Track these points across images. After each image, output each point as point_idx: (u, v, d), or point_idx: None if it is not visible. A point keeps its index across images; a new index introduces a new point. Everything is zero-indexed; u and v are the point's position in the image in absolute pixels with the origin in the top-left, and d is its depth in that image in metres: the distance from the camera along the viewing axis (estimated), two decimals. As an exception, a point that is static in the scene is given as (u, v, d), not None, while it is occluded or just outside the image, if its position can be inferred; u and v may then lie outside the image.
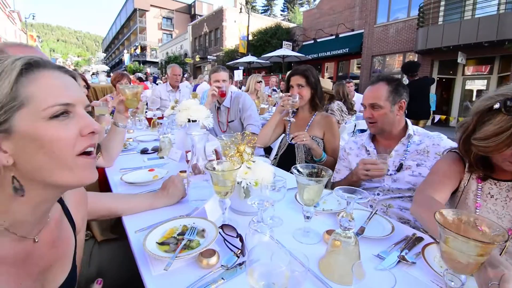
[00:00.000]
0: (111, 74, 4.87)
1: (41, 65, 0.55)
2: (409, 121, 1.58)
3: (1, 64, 0.51)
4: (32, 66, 0.53)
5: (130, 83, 4.13)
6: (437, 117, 9.54)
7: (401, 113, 1.54)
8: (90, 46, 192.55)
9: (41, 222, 0.63)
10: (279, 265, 0.61)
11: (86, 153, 0.58)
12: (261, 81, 5.53)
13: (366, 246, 0.92)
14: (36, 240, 0.62)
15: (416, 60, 12.52)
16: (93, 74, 7.17)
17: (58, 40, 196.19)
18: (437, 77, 12.28)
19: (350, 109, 4.13)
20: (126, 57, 44.06)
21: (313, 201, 0.94)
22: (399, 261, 0.86)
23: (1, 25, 24.88)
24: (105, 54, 74.71)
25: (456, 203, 1.17)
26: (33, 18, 28.05)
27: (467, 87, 12.19)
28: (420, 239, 0.98)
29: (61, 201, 0.74)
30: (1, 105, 0.49)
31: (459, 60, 10.60)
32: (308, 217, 0.96)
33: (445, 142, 1.46)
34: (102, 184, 1.86)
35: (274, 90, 7.86)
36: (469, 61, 11.30)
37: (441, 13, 11.19)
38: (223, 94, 2.58)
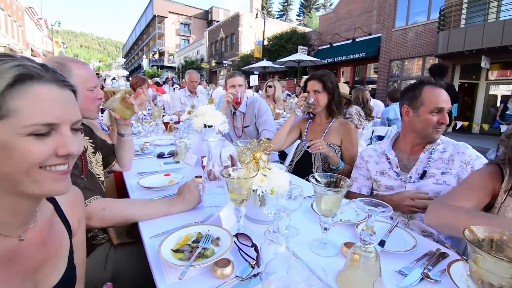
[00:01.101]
0: (130, 79, 4.98)
1: (36, 78, 0.53)
2: None
3: None
4: (26, 78, 0.52)
5: (148, 88, 4.21)
6: (459, 124, 9.18)
7: None
8: (111, 52, 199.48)
9: (26, 222, 0.63)
10: (297, 280, 0.59)
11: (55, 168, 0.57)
12: (272, 86, 5.50)
13: (387, 261, 0.88)
14: (22, 238, 0.62)
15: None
16: (113, 78, 7.38)
17: (81, 46, 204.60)
18: (459, 82, 11.86)
19: (368, 115, 4.03)
20: (145, 62, 45.31)
21: (331, 211, 0.91)
22: (422, 279, 0.82)
23: (30, 32, 26.24)
24: (125, 59, 77.10)
25: None
26: (58, 25, 29.40)
27: (491, 93, 11.69)
28: (445, 255, 0.93)
29: (53, 201, 0.73)
30: None
31: (482, 65, 10.19)
32: (325, 229, 0.93)
33: (470, 151, 1.39)
34: (119, 188, 1.90)
35: (288, 94, 7.83)
36: (493, 66, 10.84)
37: (463, 16, 10.83)
38: (237, 102, 2.59)
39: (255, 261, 0.84)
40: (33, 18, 28.02)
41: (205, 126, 1.80)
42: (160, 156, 2.07)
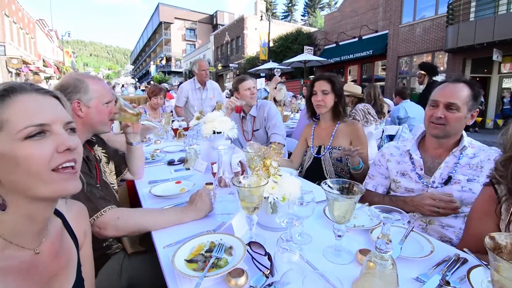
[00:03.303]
0: (137, 84, 5.04)
1: (17, 91, 0.59)
2: (464, 132, 1.40)
3: None
4: (8, 92, 0.58)
5: (164, 99, 4.08)
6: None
7: (470, 123, 1.38)
8: (119, 59, 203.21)
9: (40, 233, 0.67)
10: (312, 291, 0.58)
11: (64, 167, 0.61)
12: (277, 87, 5.48)
13: (403, 267, 0.86)
14: (37, 252, 0.65)
15: (446, 59, 11.94)
16: (122, 86, 7.52)
17: (90, 55, 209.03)
18: (470, 76, 11.58)
19: (380, 112, 3.91)
20: (152, 68, 45.98)
21: (344, 218, 0.90)
22: (441, 286, 0.79)
23: (41, 44, 26.99)
24: (133, 66, 78.50)
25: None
26: (68, 36, 30.16)
27: (504, 86, 11.37)
28: (464, 260, 0.90)
29: (61, 216, 0.77)
30: None
31: (494, 58, 9.94)
32: (339, 236, 0.91)
33: None
34: (132, 196, 1.92)
35: (294, 96, 7.79)
36: (506, 58, 10.54)
37: (473, 9, 10.60)
38: (238, 110, 2.62)
39: (269, 271, 0.83)
40: (44, 30, 28.80)
41: (214, 132, 1.80)
42: (171, 163, 2.09)
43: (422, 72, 4.66)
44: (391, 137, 3.64)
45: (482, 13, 10.34)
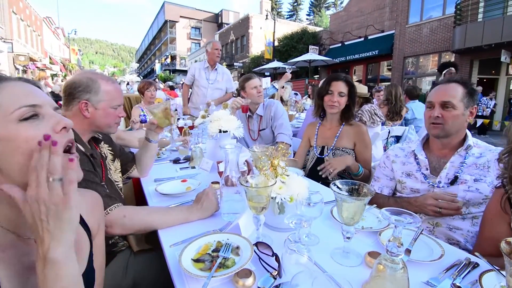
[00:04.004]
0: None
1: (3, 79, 0.60)
2: (469, 132, 1.41)
3: None
4: None
5: (156, 91, 4.21)
6: (479, 121, 8.85)
7: (470, 120, 1.39)
8: (124, 57, 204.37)
9: None
10: (323, 294, 0.57)
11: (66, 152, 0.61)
12: (284, 87, 5.44)
13: (413, 271, 0.84)
14: None
15: (453, 60, 11.80)
16: (127, 84, 7.55)
17: (96, 53, 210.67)
18: (477, 78, 11.46)
19: (397, 113, 3.80)
20: (157, 67, 46.14)
21: (353, 219, 0.89)
22: (452, 290, 0.78)
23: (48, 41, 27.22)
24: (138, 64, 78.87)
25: None
26: (75, 33, 30.43)
27: (512, 88, 11.24)
28: (475, 265, 0.89)
29: None
30: None
31: (502, 59, 9.82)
32: (348, 238, 0.90)
33: None
34: (137, 194, 1.93)
35: (295, 94, 7.74)
36: (514, 60, 10.42)
37: (481, 10, 10.46)
38: (245, 110, 2.62)
39: (276, 272, 0.82)
40: (51, 27, 29.05)
41: (220, 131, 1.80)
42: (176, 161, 2.09)
43: (453, 69, 4.62)
44: (397, 138, 3.60)
45: (490, 14, 10.21)
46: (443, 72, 4.84)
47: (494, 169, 1.27)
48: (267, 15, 19.17)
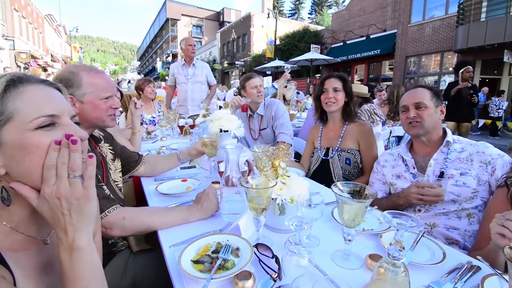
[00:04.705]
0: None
1: (25, 80, 0.58)
2: (448, 129, 1.51)
3: None
4: (16, 82, 0.57)
5: (155, 88, 4.15)
6: (481, 122, 8.80)
7: (442, 118, 1.51)
8: (126, 55, 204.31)
9: (47, 224, 0.66)
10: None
11: None
12: (287, 86, 5.41)
13: (414, 274, 0.83)
14: (47, 242, 0.66)
15: (455, 60, 11.75)
16: (129, 82, 7.54)
17: (98, 50, 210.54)
18: (480, 78, 11.40)
19: (398, 113, 3.82)
20: (158, 65, 46.14)
21: (354, 222, 0.88)
22: (454, 294, 0.77)
23: (49, 39, 27.23)
24: (139, 62, 78.84)
25: None
26: (76, 31, 30.36)
27: (515, 88, 11.18)
28: (477, 269, 0.88)
29: None
30: None
31: (505, 59, 9.76)
32: (349, 240, 0.89)
33: (491, 150, 1.34)
34: (138, 193, 1.92)
35: (297, 92, 7.70)
36: (517, 60, 10.36)
37: (484, 9, 10.40)
38: (245, 109, 2.62)
39: (276, 274, 0.82)
40: (53, 25, 29.05)
41: (221, 130, 1.79)
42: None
43: (470, 67, 4.69)
44: (399, 138, 3.59)
45: (493, 13, 10.15)
46: (460, 71, 4.85)
47: (477, 161, 1.33)
48: (268, 14, 19.11)
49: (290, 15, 43.06)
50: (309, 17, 41.79)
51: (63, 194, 0.54)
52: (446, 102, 5.49)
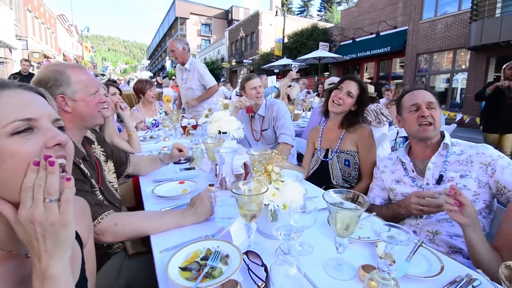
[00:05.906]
0: (157, 78, 4.90)
1: (2, 86, 0.57)
2: (446, 132, 1.46)
3: None
4: None
5: (155, 88, 4.11)
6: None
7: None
8: (136, 54, 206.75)
9: None
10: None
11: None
12: (291, 85, 5.34)
13: (410, 287, 0.80)
14: (29, 256, 0.62)
15: (469, 57, 11.41)
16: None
17: (109, 50, 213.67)
18: (494, 76, 11.03)
19: None
20: (168, 63, 46.48)
21: (346, 231, 0.85)
22: (450, 309, 0.73)
23: (61, 38, 27.79)
24: (149, 61, 79.68)
25: None
26: (87, 31, 30.93)
27: (531, 86, 10.78)
28: (477, 282, 0.83)
29: None
30: None
31: (521, 56, 9.42)
32: (340, 251, 0.86)
33: (491, 151, 1.28)
34: (137, 193, 1.93)
35: (308, 92, 7.62)
36: (534, 57, 9.99)
37: (499, 5, 10.05)
38: (249, 110, 2.59)
39: (264, 283, 0.79)
40: (65, 25, 29.62)
41: (219, 132, 1.77)
42: (177, 161, 2.07)
43: None
44: (406, 139, 3.51)
45: (509, 9, 9.80)
46: (503, 67, 4.63)
47: (477, 163, 1.28)
48: (277, 12, 18.99)
49: (299, 12, 42.75)
50: (318, 15, 41.37)
51: (37, 219, 0.51)
52: (483, 105, 4.81)
